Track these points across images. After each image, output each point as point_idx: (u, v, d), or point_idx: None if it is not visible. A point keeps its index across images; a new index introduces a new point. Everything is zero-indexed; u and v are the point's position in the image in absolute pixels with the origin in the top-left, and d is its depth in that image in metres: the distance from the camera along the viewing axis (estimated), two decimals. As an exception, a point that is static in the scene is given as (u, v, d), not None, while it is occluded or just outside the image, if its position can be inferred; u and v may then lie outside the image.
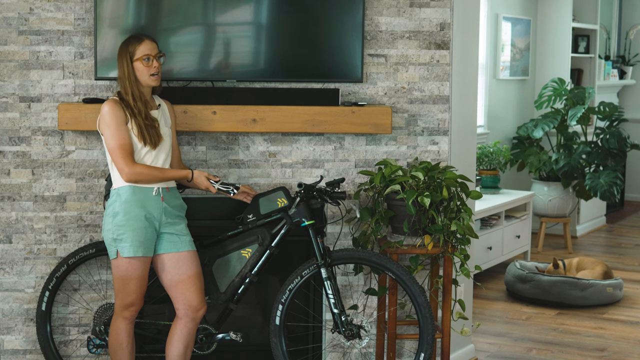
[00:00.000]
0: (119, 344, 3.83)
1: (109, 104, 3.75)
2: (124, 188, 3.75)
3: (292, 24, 4.18)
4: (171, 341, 3.88)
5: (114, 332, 3.84)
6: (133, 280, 3.76)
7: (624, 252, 7.94)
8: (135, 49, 3.77)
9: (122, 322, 3.83)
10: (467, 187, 4.13)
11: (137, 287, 3.78)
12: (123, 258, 3.74)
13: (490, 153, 7.29)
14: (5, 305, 4.28)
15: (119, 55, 3.81)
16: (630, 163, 9.99)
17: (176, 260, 3.83)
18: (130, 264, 3.74)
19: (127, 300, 3.79)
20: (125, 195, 3.74)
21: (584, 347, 5.29)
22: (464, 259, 4.09)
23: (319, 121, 4.11)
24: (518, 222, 7.13)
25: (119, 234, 3.73)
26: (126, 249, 3.73)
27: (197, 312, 3.87)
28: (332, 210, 4.30)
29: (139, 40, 3.80)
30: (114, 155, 3.73)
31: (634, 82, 10.03)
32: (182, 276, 3.83)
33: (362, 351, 4.39)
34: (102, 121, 3.77)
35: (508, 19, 8.01)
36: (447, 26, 4.28)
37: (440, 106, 4.33)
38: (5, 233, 4.24)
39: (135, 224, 3.73)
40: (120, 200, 3.74)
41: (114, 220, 3.74)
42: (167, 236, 3.82)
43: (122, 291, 3.78)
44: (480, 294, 6.34)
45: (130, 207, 3.73)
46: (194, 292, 3.85)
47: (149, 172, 3.74)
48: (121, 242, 3.73)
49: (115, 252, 3.75)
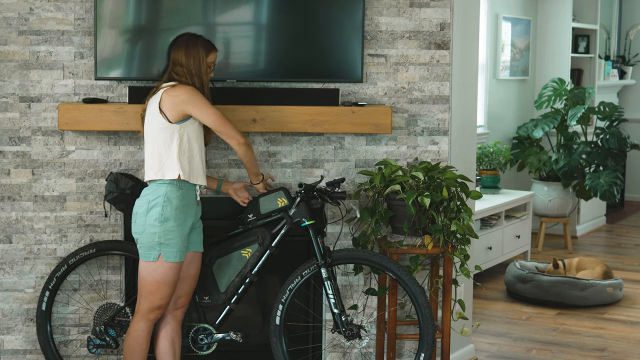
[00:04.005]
0: (139, 345, 3.81)
1: (189, 88, 3.74)
2: (173, 192, 3.71)
3: (292, 24, 4.18)
4: (157, 338, 3.92)
5: (136, 333, 3.81)
6: (170, 285, 3.76)
7: (624, 252, 7.94)
8: (209, 53, 3.82)
9: (146, 323, 3.81)
10: (467, 187, 4.13)
11: (171, 291, 3.79)
12: (165, 262, 3.72)
13: (490, 153, 7.29)
14: (5, 305, 4.28)
15: (193, 48, 3.79)
16: (630, 163, 9.99)
17: (189, 258, 3.88)
18: (171, 269, 3.74)
19: (158, 303, 3.78)
20: (176, 202, 3.71)
21: (584, 347, 5.29)
22: (464, 259, 4.09)
23: (319, 121, 4.11)
24: (518, 222, 7.13)
25: (168, 239, 3.70)
26: (172, 254, 3.72)
27: (177, 310, 3.91)
28: (332, 210, 4.30)
29: (214, 48, 3.86)
30: (224, 124, 3.75)
31: (634, 82, 10.03)
32: (184, 273, 3.88)
33: (362, 351, 4.39)
34: (189, 103, 3.70)
35: (508, 19, 8.01)
36: (447, 26, 4.28)
37: (440, 106, 4.33)
38: (5, 233, 4.25)
39: (183, 230, 3.74)
40: (171, 206, 3.70)
41: (163, 225, 3.69)
42: (193, 236, 3.87)
43: (154, 294, 3.76)
44: (480, 294, 6.34)
45: (180, 213, 3.72)
46: (184, 290, 3.90)
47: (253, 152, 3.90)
48: (167, 247, 3.71)
49: (157, 256, 3.72)
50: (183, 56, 3.78)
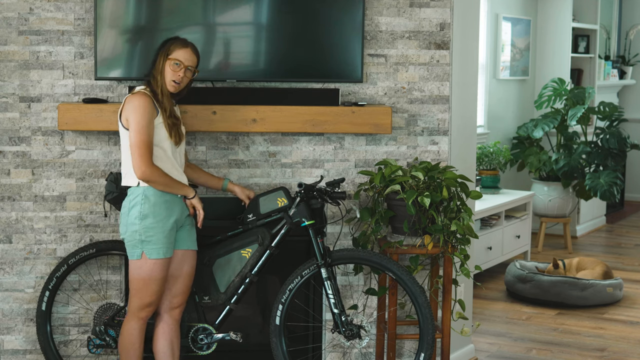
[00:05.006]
0: (132, 344, 3.82)
1: (142, 97, 3.68)
2: (151, 190, 3.71)
3: (292, 24, 4.18)
4: (155, 338, 3.91)
5: (128, 332, 3.82)
6: (156, 282, 3.76)
7: (624, 252, 7.94)
8: (174, 50, 3.74)
9: (137, 322, 3.81)
10: (467, 187, 4.13)
11: (159, 288, 3.79)
12: (149, 260, 3.73)
13: (490, 153, 7.29)
14: (5, 305, 4.28)
15: (158, 48, 3.78)
16: (630, 163, 9.99)
17: (180, 256, 3.86)
18: (155, 266, 3.74)
19: (147, 300, 3.78)
20: (154, 198, 3.71)
21: (584, 347, 5.29)
22: (464, 259, 4.09)
23: (319, 121, 4.11)
24: (518, 222, 7.13)
25: (148, 235, 3.71)
26: (154, 251, 3.72)
27: (174, 309, 3.90)
28: (332, 210, 4.30)
29: (184, 45, 3.76)
30: (136, 149, 3.64)
31: (634, 82, 10.03)
32: (177, 272, 3.86)
33: (362, 351, 4.39)
34: (132, 112, 3.67)
35: (508, 19, 8.01)
36: (447, 26, 4.28)
37: (440, 106, 4.33)
38: (5, 233, 4.25)
39: (164, 227, 3.73)
40: (149, 203, 3.71)
41: (142, 222, 3.70)
42: (182, 233, 3.85)
43: (142, 292, 3.77)
44: (480, 294, 6.34)
45: (160, 209, 3.72)
46: (180, 289, 3.88)
47: (164, 180, 3.70)
48: (149, 243, 3.72)
49: (140, 254, 3.73)
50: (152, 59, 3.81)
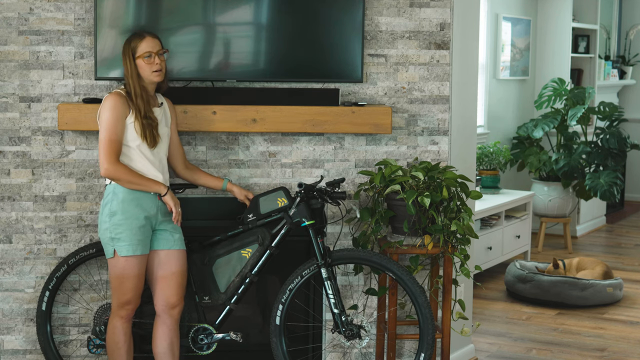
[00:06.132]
0: (115, 344, 3.84)
1: (114, 96, 3.75)
2: (119, 187, 3.75)
3: (292, 24, 4.18)
4: (155, 339, 3.91)
5: (111, 331, 3.85)
6: (130, 279, 3.77)
7: (624, 252, 7.94)
8: (137, 46, 3.78)
9: (118, 321, 3.84)
10: (467, 187, 4.13)
11: (134, 286, 3.79)
12: (120, 257, 3.75)
13: (490, 153, 7.29)
14: (5, 305, 4.28)
15: (122, 53, 3.81)
16: (630, 163, 9.99)
17: (164, 257, 3.86)
18: (127, 263, 3.75)
19: (124, 298, 3.80)
20: (123, 195, 3.74)
21: (584, 347, 5.29)
22: (464, 259, 4.09)
23: (319, 121, 4.11)
24: (518, 222, 7.13)
25: (117, 232, 3.73)
26: (124, 248, 3.74)
27: (173, 309, 3.89)
28: (332, 210, 4.30)
29: (141, 37, 3.80)
30: (101, 146, 3.71)
31: (634, 82, 10.03)
32: (165, 272, 3.86)
33: (362, 351, 4.39)
34: (102, 111, 3.76)
35: (508, 19, 8.01)
36: (447, 26, 4.28)
37: (440, 106, 4.33)
38: (5, 233, 4.25)
39: (133, 223, 3.74)
40: (117, 200, 3.74)
41: (111, 219, 3.74)
42: (161, 233, 3.85)
43: (118, 290, 3.79)
44: (480, 294, 6.34)
45: (129, 206, 3.74)
46: (173, 288, 3.87)
47: (128, 177, 3.72)
48: (119, 241, 3.74)
49: (113, 251, 3.76)
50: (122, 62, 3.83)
